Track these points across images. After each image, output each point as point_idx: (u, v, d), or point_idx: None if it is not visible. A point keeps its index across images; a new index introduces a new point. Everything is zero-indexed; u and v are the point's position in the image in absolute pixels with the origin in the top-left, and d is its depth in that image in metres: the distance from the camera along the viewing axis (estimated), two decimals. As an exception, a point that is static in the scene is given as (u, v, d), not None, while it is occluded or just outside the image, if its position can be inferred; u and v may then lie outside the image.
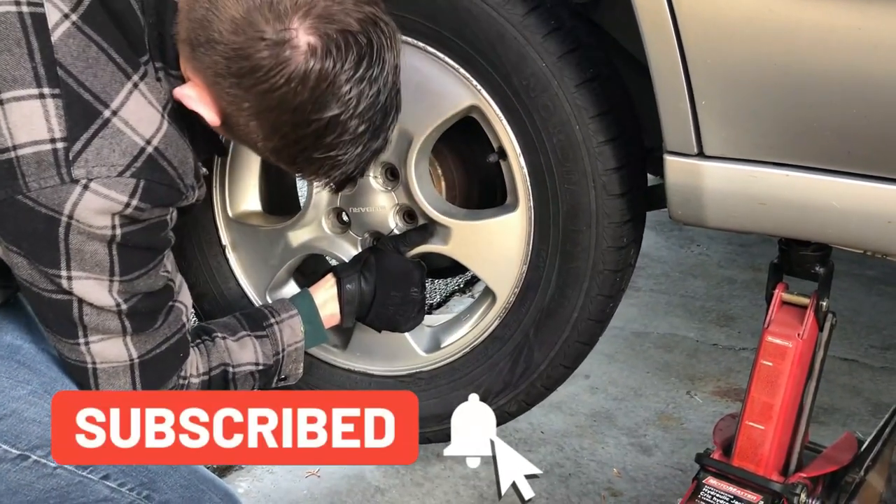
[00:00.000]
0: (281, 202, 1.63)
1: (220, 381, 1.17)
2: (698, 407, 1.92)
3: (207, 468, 1.21)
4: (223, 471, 1.67)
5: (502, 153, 1.31)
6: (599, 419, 1.86)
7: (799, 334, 1.19)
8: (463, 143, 1.46)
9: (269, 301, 1.55)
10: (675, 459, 1.72)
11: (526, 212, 1.30)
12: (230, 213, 1.54)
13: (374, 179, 1.40)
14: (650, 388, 2.00)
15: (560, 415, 1.86)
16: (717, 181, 1.10)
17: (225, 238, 1.55)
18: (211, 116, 1.00)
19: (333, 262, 1.46)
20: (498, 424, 1.47)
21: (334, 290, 1.30)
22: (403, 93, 1.20)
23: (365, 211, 1.42)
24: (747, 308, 2.39)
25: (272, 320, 1.24)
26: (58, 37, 0.92)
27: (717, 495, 1.24)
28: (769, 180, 1.07)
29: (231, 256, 1.56)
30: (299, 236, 1.49)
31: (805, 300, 1.21)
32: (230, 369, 1.17)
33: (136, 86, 0.97)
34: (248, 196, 1.56)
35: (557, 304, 1.32)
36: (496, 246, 1.35)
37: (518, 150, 1.27)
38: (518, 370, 1.39)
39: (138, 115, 0.96)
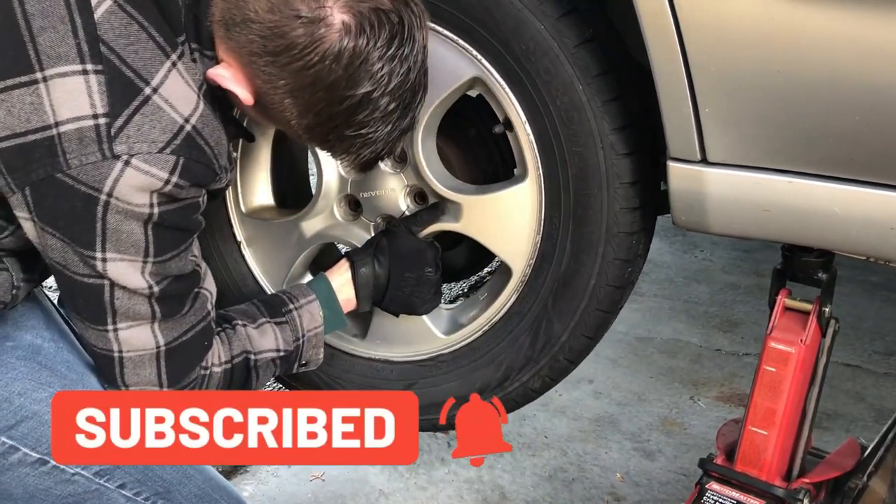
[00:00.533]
0: (292, 194, 1.64)
1: (242, 368, 1.17)
2: (702, 412, 1.92)
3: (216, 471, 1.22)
4: (227, 474, 1.68)
5: (508, 124, 1.31)
6: (603, 424, 1.86)
7: (802, 340, 1.19)
8: (457, 127, 1.45)
9: None
10: (678, 464, 1.72)
11: (536, 180, 1.29)
12: (243, 209, 1.55)
13: (383, 162, 1.40)
14: (654, 393, 2.00)
15: (564, 419, 1.87)
16: (721, 187, 1.11)
17: (240, 234, 1.56)
18: (245, 95, 1.01)
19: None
20: (523, 403, 1.46)
21: (349, 274, 1.30)
22: None
23: (375, 195, 1.43)
24: (751, 313, 2.39)
25: (291, 306, 1.25)
26: (100, 14, 0.94)
27: (720, 500, 1.24)
28: (772, 187, 1.08)
29: (247, 252, 1.57)
30: (312, 226, 1.49)
31: (808, 306, 1.22)
32: (252, 357, 1.18)
33: (174, 65, 0.98)
34: (259, 191, 1.57)
35: (574, 271, 1.30)
36: (508, 218, 1.34)
37: (523, 118, 1.27)
38: (539, 344, 1.37)
39: (177, 94, 0.98)
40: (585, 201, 1.26)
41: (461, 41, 1.25)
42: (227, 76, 1.00)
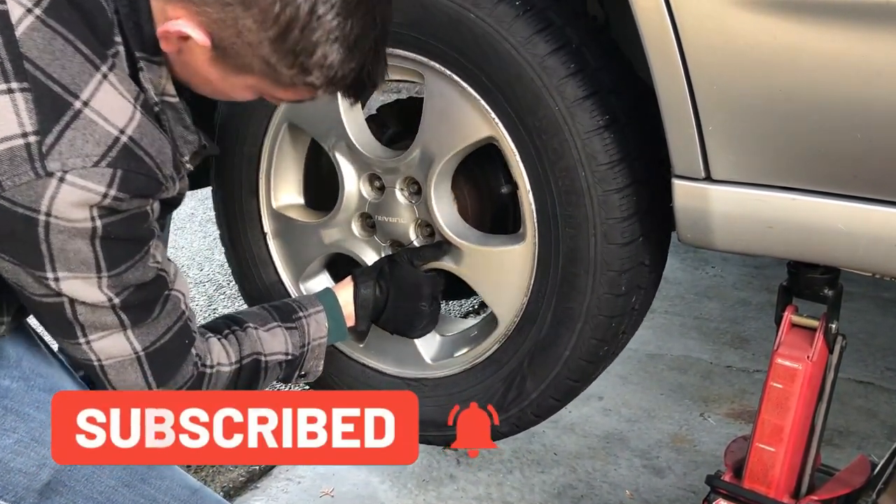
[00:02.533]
0: (321, 199, 1.69)
1: (252, 369, 1.20)
2: (712, 429, 1.91)
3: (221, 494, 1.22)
4: (238, 489, 1.69)
5: (516, 186, 1.34)
6: (612, 441, 1.86)
7: (808, 357, 1.19)
8: (479, 172, 1.49)
9: (302, 289, 1.63)
10: (687, 481, 1.72)
11: (531, 246, 1.32)
12: (274, 204, 1.61)
13: (400, 192, 1.45)
14: (663, 409, 1.99)
15: (573, 436, 1.86)
16: (725, 205, 1.12)
17: (267, 226, 1.63)
18: (201, 37, 0.97)
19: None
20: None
21: (352, 292, 1.36)
22: (431, 116, 1.22)
23: (389, 220, 1.47)
24: (761, 330, 2.38)
25: (301, 314, 1.29)
26: (22, 31, 0.91)
27: (728, 517, 1.24)
28: (776, 204, 1.08)
29: (271, 244, 1.64)
30: (330, 234, 1.56)
31: (814, 322, 1.22)
32: (262, 358, 1.21)
33: (105, 77, 0.96)
34: (291, 189, 1.64)
35: (551, 340, 1.34)
36: (503, 273, 1.38)
37: (528, 187, 1.29)
38: (510, 395, 1.41)
39: (110, 106, 0.95)
40: (571, 280, 1.28)
41: (483, 101, 1.28)
42: (180, 23, 0.97)
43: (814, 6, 0.96)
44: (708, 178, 1.11)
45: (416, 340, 1.50)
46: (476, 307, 2.59)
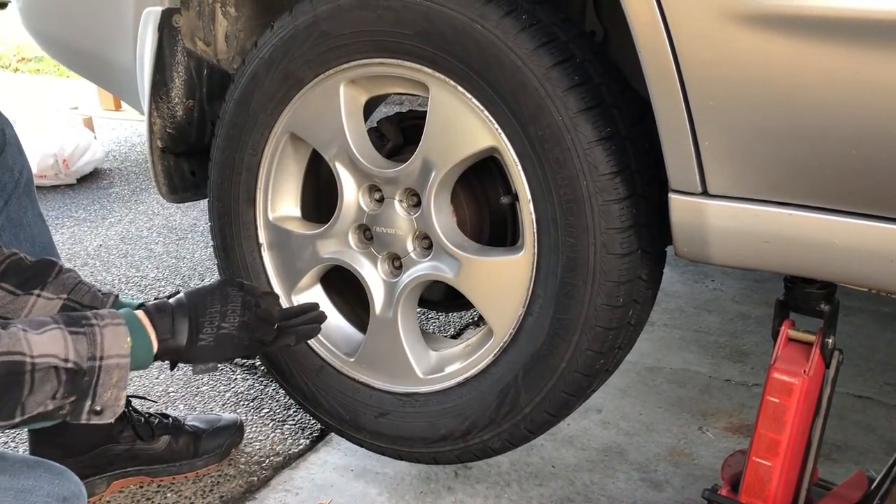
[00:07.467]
0: (318, 211, 1.71)
1: (7, 370, 0.97)
2: (710, 443, 1.91)
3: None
4: (236, 500, 1.69)
5: (516, 196, 1.35)
6: (611, 454, 1.86)
7: (805, 371, 1.20)
8: (478, 184, 1.50)
9: (294, 302, 1.64)
10: (685, 495, 1.71)
11: (530, 256, 1.33)
12: (271, 216, 1.63)
13: (400, 203, 1.46)
14: (662, 423, 1.99)
15: (571, 449, 1.86)
16: (721, 219, 1.12)
17: (262, 237, 1.65)
18: None
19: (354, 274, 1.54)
20: (482, 458, 1.53)
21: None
22: (434, 127, 1.25)
23: (387, 232, 1.49)
24: (761, 344, 2.38)
25: (93, 321, 1.07)
26: None
27: (725, 531, 1.24)
28: (772, 219, 1.09)
29: (265, 255, 1.65)
30: (326, 246, 1.57)
31: (811, 337, 1.22)
32: (26, 359, 0.98)
33: None
34: (288, 201, 1.66)
35: (547, 352, 1.34)
36: (499, 284, 1.39)
37: (529, 197, 1.31)
38: (504, 409, 1.41)
39: None
40: (569, 290, 1.29)
41: (486, 112, 1.30)
42: None
43: (810, 22, 0.97)
44: (704, 193, 1.12)
45: (408, 354, 1.51)
46: (475, 319, 2.59)
